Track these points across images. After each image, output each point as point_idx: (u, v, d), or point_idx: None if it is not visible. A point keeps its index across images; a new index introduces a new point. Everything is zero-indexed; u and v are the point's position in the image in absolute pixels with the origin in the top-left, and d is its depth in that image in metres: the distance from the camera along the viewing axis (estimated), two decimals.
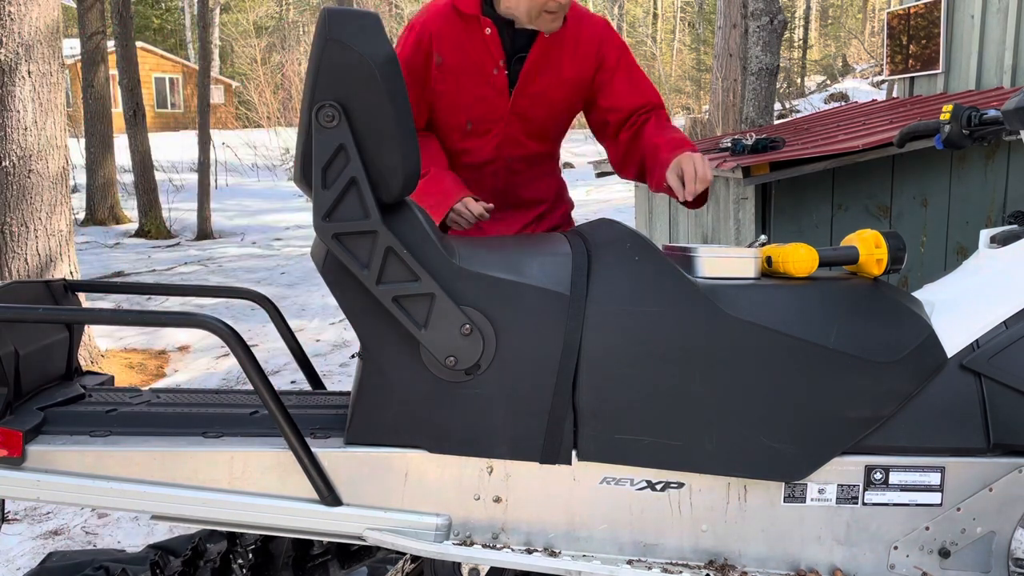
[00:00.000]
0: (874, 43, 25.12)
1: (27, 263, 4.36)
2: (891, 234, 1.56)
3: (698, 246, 1.56)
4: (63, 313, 1.44)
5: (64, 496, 1.39)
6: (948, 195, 4.04)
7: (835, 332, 1.44)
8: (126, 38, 11.10)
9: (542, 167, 2.25)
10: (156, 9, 32.88)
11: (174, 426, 1.47)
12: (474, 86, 2.08)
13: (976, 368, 1.47)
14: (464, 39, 2.04)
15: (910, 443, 1.45)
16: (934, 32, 6.08)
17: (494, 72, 2.06)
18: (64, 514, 3.01)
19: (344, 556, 1.83)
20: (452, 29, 2.04)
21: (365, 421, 1.41)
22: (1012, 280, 1.54)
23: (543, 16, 1.95)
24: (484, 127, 2.13)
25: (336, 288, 1.40)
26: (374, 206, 1.34)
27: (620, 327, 1.41)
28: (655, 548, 1.46)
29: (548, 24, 1.98)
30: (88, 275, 7.92)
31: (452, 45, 2.04)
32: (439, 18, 2.04)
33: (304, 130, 1.34)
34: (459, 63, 2.06)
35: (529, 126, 2.15)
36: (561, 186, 2.36)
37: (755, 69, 7.42)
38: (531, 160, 2.21)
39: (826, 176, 3.89)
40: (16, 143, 4.27)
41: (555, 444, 1.40)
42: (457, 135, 2.15)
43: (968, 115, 1.78)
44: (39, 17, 4.31)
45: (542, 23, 1.98)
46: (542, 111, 2.14)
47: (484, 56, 2.05)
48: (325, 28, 1.31)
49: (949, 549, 1.48)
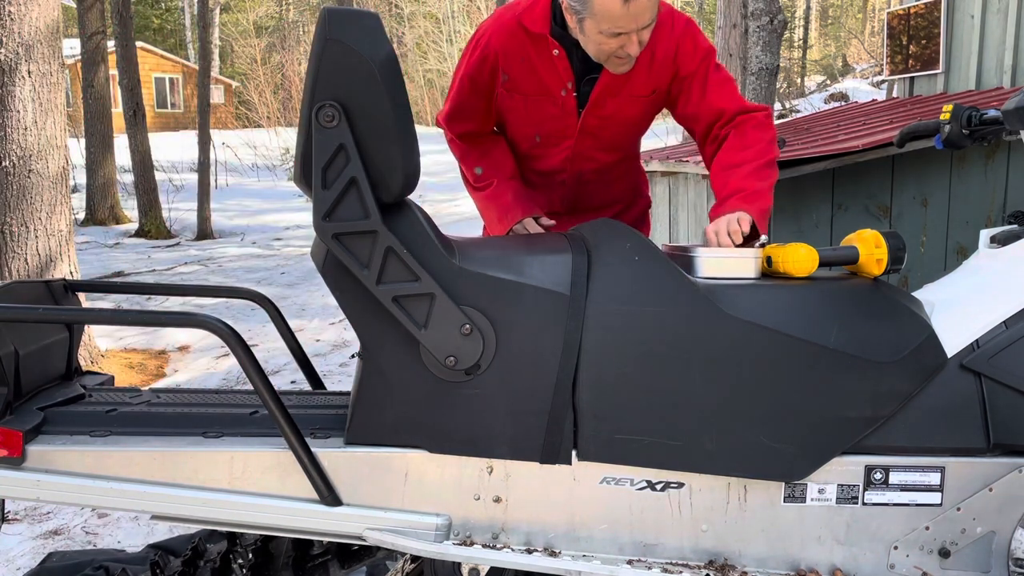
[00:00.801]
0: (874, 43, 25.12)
1: (27, 263, 4.36)
2: (891, 234, 1.56)
3: (698, 246, 1.56)
4: (63, 313, 1.44)
5: (64, 496, 1.39)
6: (948, 195, 4.04)
7: (835, 332, 1.44)
8: (126, 38, 11.10)
9: (614, 172, 2.18)
10: (156, 9, 32.87)
11: (174, 426, 1.47)
12: (542, 105, 2.01)
13: (976, 368, 1.47)
14: (532, 57, 1.96)
15: (910, 443, 1.45)
16: (934, 32, 6.08)
17: (562, 93, 1.99)
18: (64, 514, 3.01)
19: (344, 556, 1.83)
20: (519, 46, 1.95)
21: (365, 421, 1.41)
22: (1012, 280, 1.54)
23: (612, 60, 1.86)
24: (553, 141, 2.08)
25: (336, 288, 1.40)
26: (374, 206, 1.34)
27: (620, 327, 1.40)
28: (655, 548, 1.46)
29: (616, 68, 1.89)
30: (88, 275, 7.92)
31: (519, 63, 1.97)
32: (505, 34, 1.96)
33: (304, 130, 1.34)
34: (526, 81, 1.98)
35: (600, 142, 2.08)
36: (638, 183, 2.29)
37: (755, 69, 7.42)
38: (602, 170, 2.15)
39: (826, 176, 3.89)
40: (16, 143, 4.27)
41: (555, 444, 1.40)
42: (527, 144, 2.11)
43: (968, 115, 1.79)
44: (39, 17, 4.31)
45: (610, 66, 1.88)
46: (614, 129, 2.07)
47: (552, 76, 1.97)
48: (325, 28, 1.31)
49: (949, 549, 1.48)
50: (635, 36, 1.77)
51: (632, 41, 1.78)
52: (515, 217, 1.98)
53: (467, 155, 2.11)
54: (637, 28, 1.75)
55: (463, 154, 2.12)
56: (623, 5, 1.70)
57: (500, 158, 2.09)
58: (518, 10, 1.96)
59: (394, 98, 1.34)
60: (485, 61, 1.98)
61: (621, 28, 1.75)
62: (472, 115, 2.07)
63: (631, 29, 1.75)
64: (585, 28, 1.80)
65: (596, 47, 1.83)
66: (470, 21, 27.18)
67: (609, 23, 1.74)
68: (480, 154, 2.10)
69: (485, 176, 2.08)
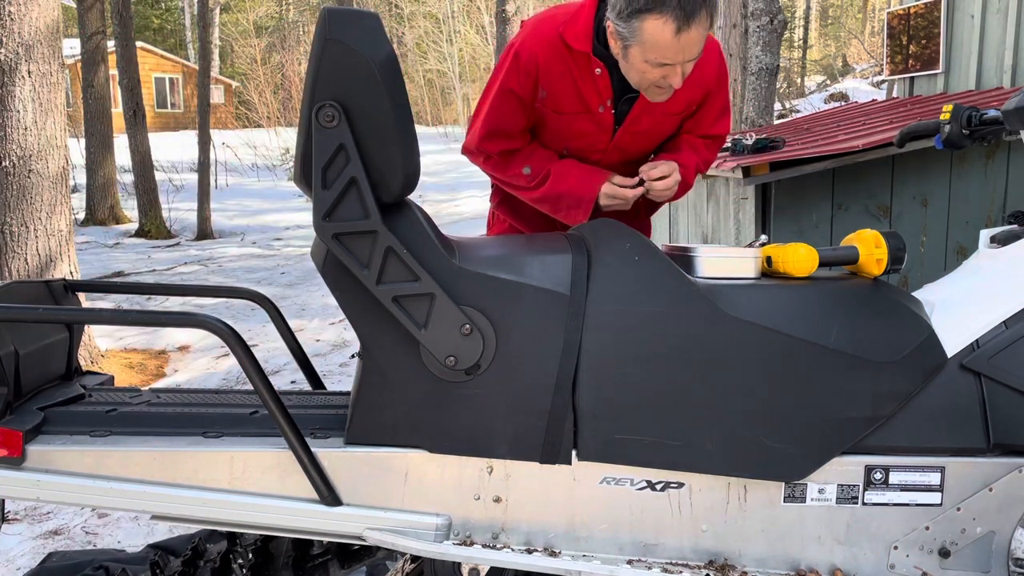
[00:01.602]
0: (874, 43, 25.11)
1: (27, 263, 4.36)
2: (891, 234, 1.56)
3: (698, 246, 1.56)
4: (63, 313, 1.44)
5: (64, 496, 1.39)
6: (948, 195, 4.04)
7: (835, 332, 1.44)
8: (126, 38, 11.11)
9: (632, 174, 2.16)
10: (156, 9, 32.87)
11: (174, 426, 1.47)
12: (577, 121, 1.98)
13: (976, 368, 1.47)
14: (573, 74, 1.92)
15: (910, 443, 1.45)
16: (934, 32, 6.08)
17: (600, 110, 1.96)
18: (64, 514, 3.01)
19: (344, 556, 1.83)
20: (560, 62, 1.91)
21: (365, 421, 1.41)
22: (1012, 280, 1.54)
23: (652, 89, 1.84)
24: (582, 156, 2.05)
25: (336, 288, 1.40)
26: (374, 206, 1.34)
27: (620, 327, 1.40)
28: (655, 548, 1.46)
29: (656, 96, 1.87)
30: (88, 275, 7.92)
31: (559, 79, 1.93)
32: (548, 48, 1.91)
33: (304, 130, 1.34)
34: (564, 98, 1.95)
35: (628, 156, 2.08)
36: None
37: (755, 69, 7.42)
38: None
39: (826, 176, 3.89)
40: (16, 143, 4.27)
41: (555, 444, 1.40)
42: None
43: (968, 115, 1.78)
44: (39, 17, 4.31)
45: (649, 94, 1.86)
46: (644, 144, 2.06)
47: (591, 94, 1.94)
48: (325, 28, 1.31)
49: (949, 549, 1.48)
50: (679, 68, 1.74)
51: (676, 73, 1.75)
52: (596, 185, 1.94)
53: (509, 164, 2.04)
54: (684, 60, 1.73)
55: (504, 166, 2.04)
56: (674, 37, 1.67)
57: (541, 150, 2.04)
58: (558, 24, 1.91)
59: (394, 98, 1.34)
60: (529, 75, 1.92)
61: (668, 59, 1.72)
62: (513, 133, 2.00)
63: (678, 61, 1.73)
64: (630, 55, 1.76)
65: (639, 75, 1.80)
66: (470, 21, 27.18)
67: (657, 53, 1.71)
68: (521, 157, 2.03)
69: (536, 171, 2.01)
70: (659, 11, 1.65)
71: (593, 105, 1.96)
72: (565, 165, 2.00)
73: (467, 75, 26.44)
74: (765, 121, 7.45)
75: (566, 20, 1.90)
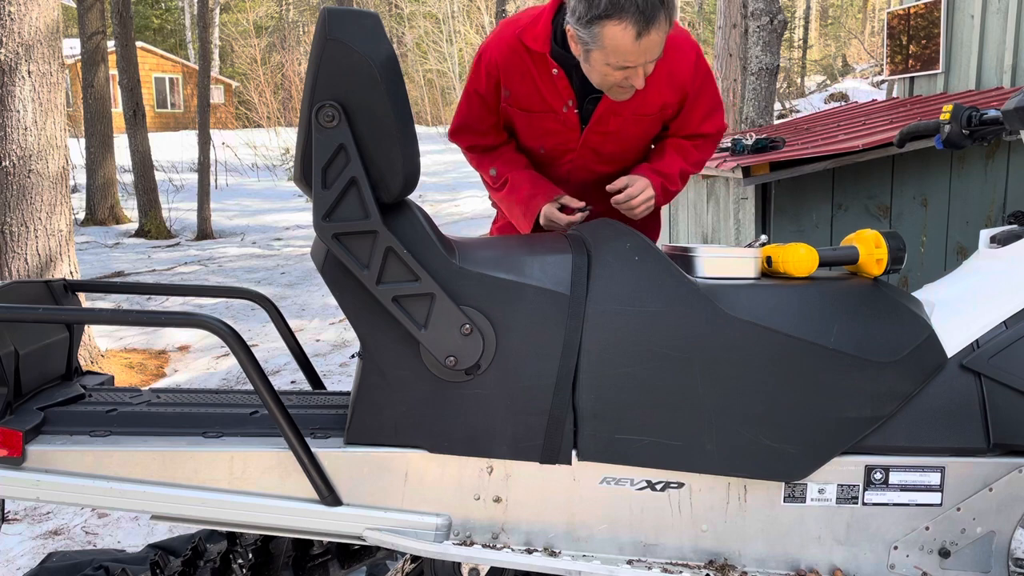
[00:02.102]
0: (874, 43, 25.11)
1: (27, 263, 4.36)
2: (891, 234, 1.56)
3: (698, 246, 1.56)
4: (63, 313, 1.44)
5: (64, 496, 1.39)
6: (948, 195, 4.04)
7: (835, 332, 1.44)
8: (126, 38, 11.10)
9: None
10: (156, 9, 32.88)
11: (174, 426, 1.47)
12: (544, 120, 2.02)
13: (976, 368, 1.47)
14: (532, 74, 1.96)
15: (910, 443, 1.45)
16: (934, 32, 6.08)
17: (563, 110, 1.99)
18: (64, 514, 3.01)
19: (344, 556, 1.83)
20: (520, 62, 1.95)
21: (365, 421, 1.41)
22: (1012, 280, 1.54)
23: (614, 89, 1.86)
24: (557, 154, 2.09)
25: (336, 288, 1.40)
26: (374, 206, 1.34)
27: (620, 327, 1.40)
28: (655, 548, 1.46)
29: (619, 96, 1.88)
30: (88, 275, 7.93)
31: (519, 79, 1.97)
32: (506, 49, 1.95)
33: (304, 130, 1.34)
34: (527, 97, 1.99)
35: (602, 156, 2.09)
36: None
37: (755, 69, 7.42)
38: (603, 181, 2.14)
39: (826, 176, 3.89)
40: (16, 143, 4.27)
41: (555, 444, 1.40)
42: (531, 156, 2.13)
43: (968, 115, 1.78)
44: (39, 17, 4.31)
45: (612, 94, 1.88)
46: (617, 144, 2.08)
47: (552, 94, 1.97)
48: (325, 28, 1.31)
49: (949, 549, 1.48)
50: (641, 69, 1.76)
51: (638, 74, 1.77)
52: (538, 205, 1.97)
53: (482, 161, 2.13)
54: (644, 62, 1.75)
55: (478, 162, 2.14)
56: (635, 42, 1.69)
57: (512, 155, 2.10)
58: (519, 26, 1.95)
59: (394, 98, 1.34)
60: (489, 76, 1.99)
61: (630, 63, 1.74)
62: (479, 129, 2.08)
63: (639, 63, 1.75)
64: (591, 59, 1.78)
65: (601, 77, 1.82)
66: (470, 21, 27.18)
67: (618, 57, 1.73)
68: (493, 156, 2.11)
69: (500, 174, 2.08)
70: (619, 17, 1.67)
71: (556, 105, 1.99)
72: (521, 177, 2.04)
73: (467, 75, 26.41)
74: (765, 121, 7.45)
75: (526, 23, 1.94)
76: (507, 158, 2.09)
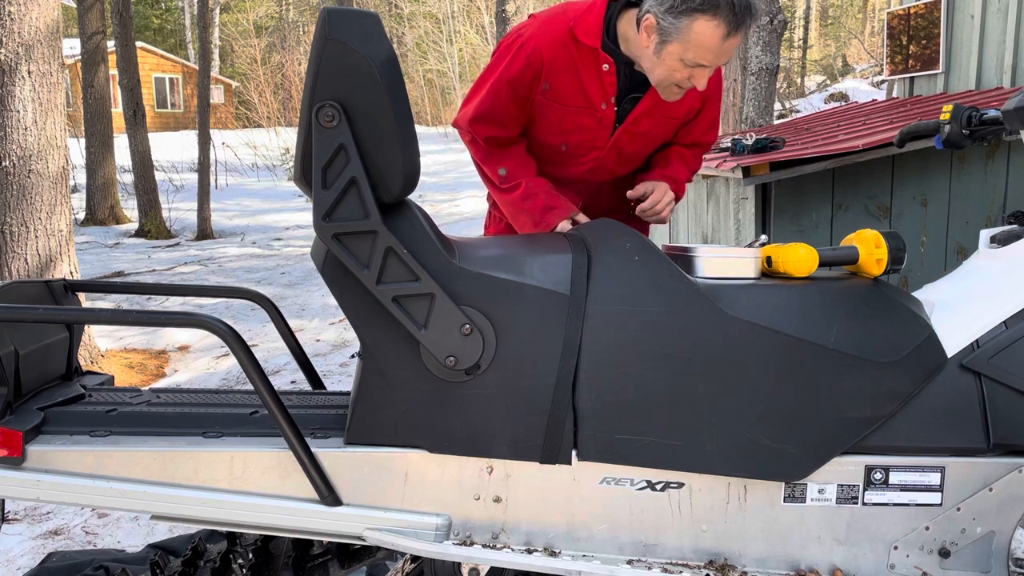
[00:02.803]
0: (874, 43, 25.10)
1: (27, 263, 4.36)
2: (891, 234, 1.56)
3: (698, 246, 1.56)
4: (63, 313, 1.44)
5: (64, 496, 1.39)
6: (948, 195, 4.04)
7: (835, 332, 1.44)
8: (126, 38, 11.10)
9: (628, 182, 2.17)
10: (156, 9, 32.88)
11: (174, 426, 1.47)
12: (578, 116, 1.99)
13: (976, 368, 1.47)
14: (579, 68, 1.93)
15: (910, 443, 1.45)
16: (934, 32, 6.08)
17: (602, 107, 1.97)
18: (64, 514, 3.01)
19: (344, 556, 1.83)
20: (567, 57, 1.92)
21: (365, 421, 1.41)
22: (1012, 280, 1.54)
23: (671, 88, 1.84)
24: (580, 152, 2.06)
25: (336, 288, 1.40)
26: (374, 206, 1.34)
27: (620, 327, 1.40)
28: (655, 548, 1.46)
29: (671, 96, 1.87)
30: (88, 275, 7.92)
31: (564, 73, 1.94)
32: (556, 45, 1.91)
33: (304, 130, 1.34)
34: (568, 92, 1.96)
35: (624, 156, 2.09)
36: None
37: (755, 69, 7.42)
38: (617, 182, 2.15)
39: (826, 176, 3.89)
40: (16, 143, 4.27)
41: (555, 444, 1.40)
42: (548, 152, 2.09)
43: (968, 115, 1.78)
44: (39, 17, 4.31)
45: (666, 93, 1.87)
46: (641, 145, 2.07)
47: (596, 90, 1.95)
48: (325, 28, 1.31)
49: (949, 549, 1.48)
50: (709, 71, 1.76)
51: (705, 75, 1.76)
52: (554, 220, 1.94)
53: (490, 156, 2.05)
54: (715, 64, 1.75)
55: (485, 156, 2.06)
56: (721, 41, 1.68)
57: (524, 156, 2.05)
58: (569, 18, 1.92)
59: (394, 98, 1.34)
60: (530, 68, 1.93)
61: (706, 61, 1.73)
62: (504, 121, 2.01)
63: (713, 64, 1.74)
64: (666, 51, 1.76)
65: (667, 72, 1.79)
66: (470, 21, 27.17)
67: (697, 54, 1.72)
68: (503, 154, 2.05)
69: (511, 176, 2.02)
70: (713, 13, 1.66)
71: (596, 101, 1.96)
72: (537, 186, 2.00)
73: (467, 75, 26.42)
74: (765, 121, 7.45)
75: (577, 15, 1.92)
76: (519, 159, 2.04)
